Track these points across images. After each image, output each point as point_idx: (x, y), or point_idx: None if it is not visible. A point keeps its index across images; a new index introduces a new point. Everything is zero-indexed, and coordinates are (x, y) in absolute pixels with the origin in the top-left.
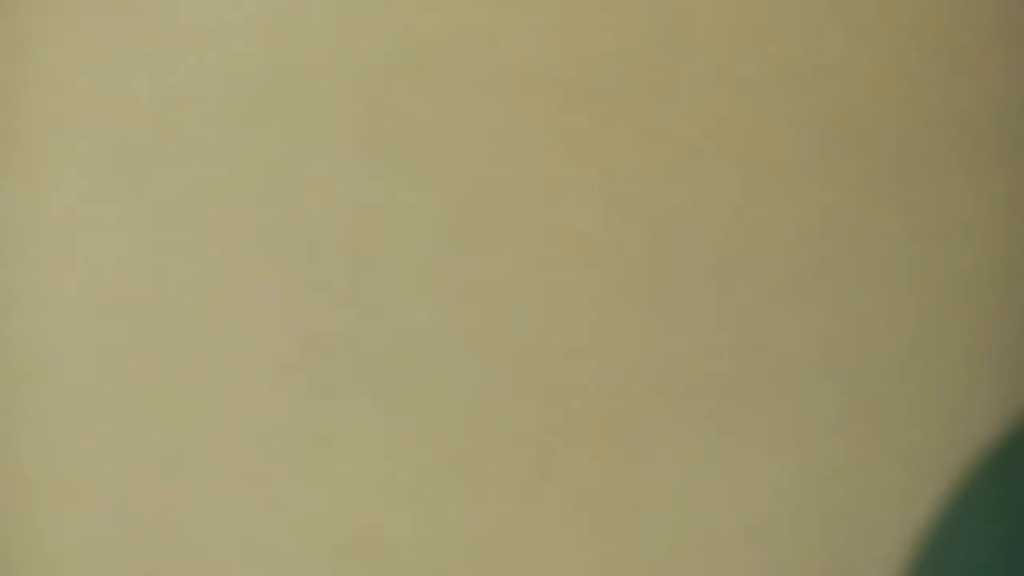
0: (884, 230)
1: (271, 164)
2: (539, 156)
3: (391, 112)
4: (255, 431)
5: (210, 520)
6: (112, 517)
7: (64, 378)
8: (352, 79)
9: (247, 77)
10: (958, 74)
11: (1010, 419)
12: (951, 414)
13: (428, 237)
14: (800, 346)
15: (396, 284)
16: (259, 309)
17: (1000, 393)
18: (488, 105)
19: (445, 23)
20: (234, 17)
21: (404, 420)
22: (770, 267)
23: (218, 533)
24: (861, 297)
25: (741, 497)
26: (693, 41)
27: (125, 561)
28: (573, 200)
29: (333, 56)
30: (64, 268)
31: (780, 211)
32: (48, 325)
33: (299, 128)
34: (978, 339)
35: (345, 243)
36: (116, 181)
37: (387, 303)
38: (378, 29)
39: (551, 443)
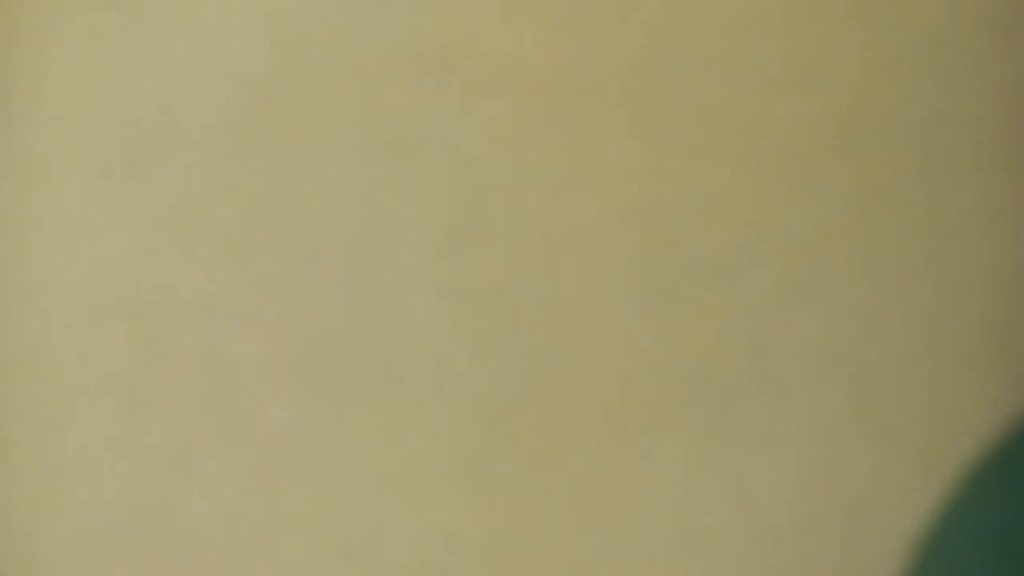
0: (884, 230)
1: (271, 164)
2: (539, 156)
3: (391, 112)
4: (255, 431)
5: (210, 520)
6: (111, 517)
7: (64, 378)
8: (352, 79)
9: (247, 77)
10: (958, 74)
11: (1010, 419)
12: (951, 414)
13: (428, 237)
14: (800, 346)
15: (396, 284)
16: (259, 309)
17: (1000, 393)
18: (488, 105)
19: (445, 23)
20: (234, 17)
21: (404, 420)
22: (770, 267)
23: (218, 533)
24: (861, 297)
25: (741, 497)
26: (693, 41)
27: (125, 561)
28: (573, 200)
29: (333, 56)
30: (64, 268)
31: (780, 211)
32: (48, 325)
33: (299, 128)
34: (979, 339)
35: (345, 243)
36: (115, 181)
37: (387, 303)
38: (378, 29)
39: (551, 443)
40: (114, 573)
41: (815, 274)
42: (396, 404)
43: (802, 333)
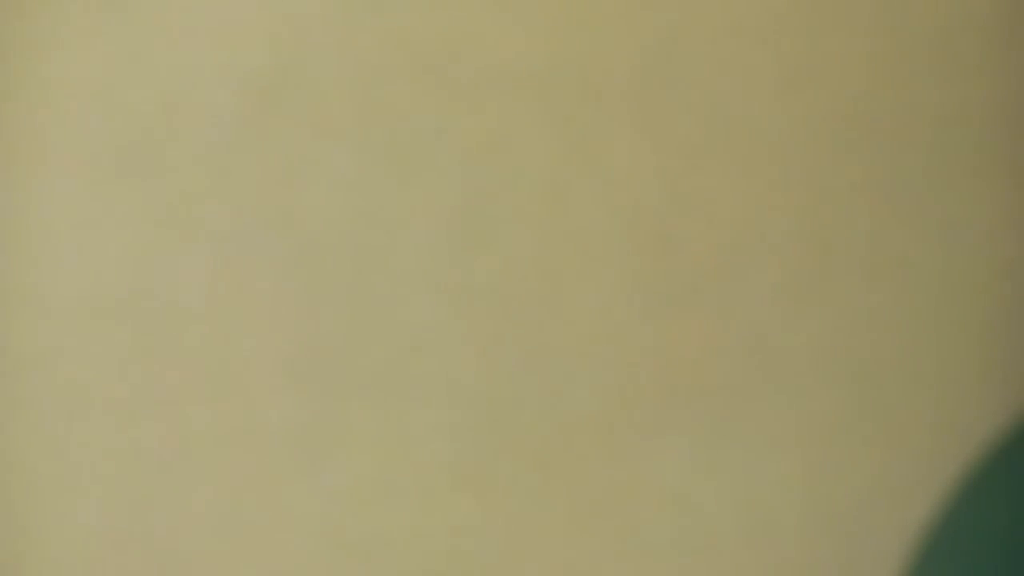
0: (884, 230)
1: (270, 163)
2: (539, 156)
3: (391, 112)
4: (255, 431)
5: (210, 520)
6: (112, 517)
7: (64, 378)
8: (352, 79)
9: (247, 77)
10: (958, 74)
11: (1010, 419)
12: (951, 414)
13: (428, 237)
14: (801, 346)
15: (396, 284)
16: (259, 309)
17: (1000, 393)
18: (488, 105)
19: (445, 23)
20: (234, 17)
21: (404, 420)
22: (770, 267)
23: (218, 533)
24: (861, 297)
25: (741, 497)
26: (693, 41)
27: (125, 561)
28: (573, 200)
29: (333, 56)
30: (64, 268)
31: (780, 211)
32: (48, 325)
33: (299, 128)
34: (978, 339)
35: (345, 243)
36: (116, 181)
37: (387, 303)
38: (378, 29)
39: (551, 443)
40: (114, 571)
41: (815, 274)
42: (396, 404)
43: (802, 333)
